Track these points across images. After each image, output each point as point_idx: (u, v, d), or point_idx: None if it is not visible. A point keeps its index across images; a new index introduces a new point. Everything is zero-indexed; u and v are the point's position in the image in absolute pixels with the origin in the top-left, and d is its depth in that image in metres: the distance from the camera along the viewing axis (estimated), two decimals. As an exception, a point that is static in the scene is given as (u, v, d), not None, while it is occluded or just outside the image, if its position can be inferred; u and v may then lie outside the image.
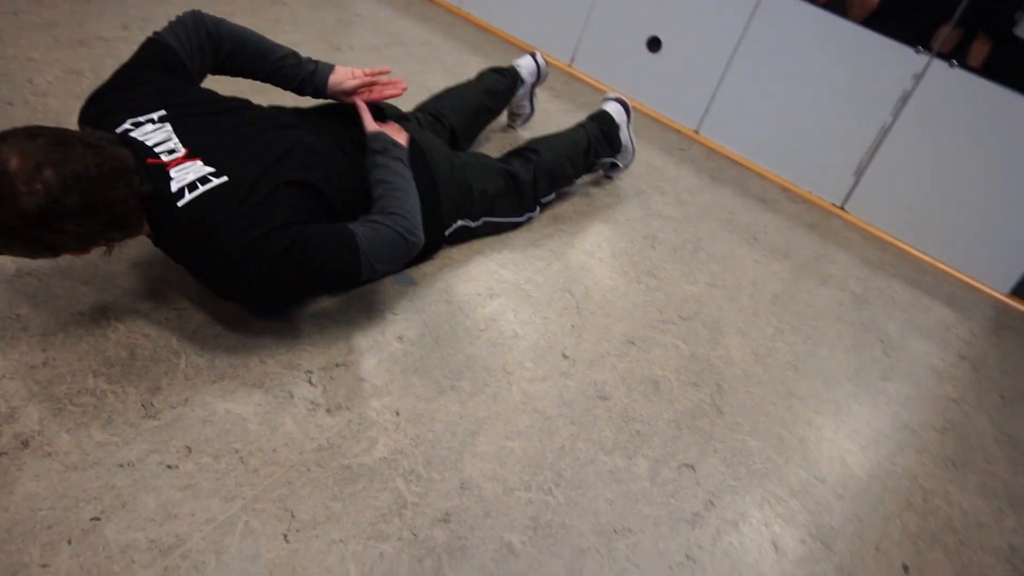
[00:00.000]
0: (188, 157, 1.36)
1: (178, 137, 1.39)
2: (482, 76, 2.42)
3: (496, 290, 1.89)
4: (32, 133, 1.20)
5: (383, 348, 1.60)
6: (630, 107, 2.47)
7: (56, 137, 1.21)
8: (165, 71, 1.51)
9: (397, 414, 1.46)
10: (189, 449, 1.26)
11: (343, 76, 1.73)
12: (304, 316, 1.61)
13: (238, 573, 1.12)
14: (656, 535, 1.41)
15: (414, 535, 1.25)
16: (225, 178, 1.35)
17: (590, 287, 2.03)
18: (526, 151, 2.18)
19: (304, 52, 1.73)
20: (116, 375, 1.34)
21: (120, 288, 1.51)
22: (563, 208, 2.34)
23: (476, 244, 2.02)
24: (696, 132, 3.26)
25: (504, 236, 2.10)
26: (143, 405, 1.30)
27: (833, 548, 1.52)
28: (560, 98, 3.07)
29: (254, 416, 1.35)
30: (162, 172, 1.33)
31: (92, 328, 1.41)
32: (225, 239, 1.30)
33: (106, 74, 1.49)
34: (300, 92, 1.74)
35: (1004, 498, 1.84)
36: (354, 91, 1.74)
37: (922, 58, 2.76)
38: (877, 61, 2.82)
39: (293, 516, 1.22)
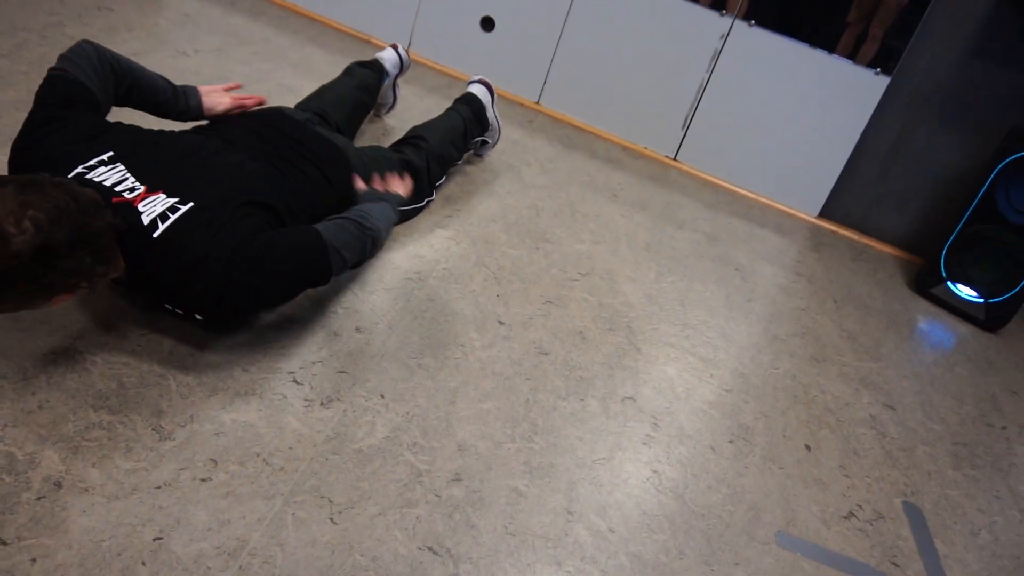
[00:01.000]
0: (150, 192, 1.39)
1: (133, 175, 1.41)
2: (351, 72, 2.50)
3: (423, 273, 2.03)
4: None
5: (347, 340, 1.70)
6: (493, 88, 2.66)
7: (24, 180, 1.21)
8: (85, 108, 1.51)
9: (382, 396, 1.58)
10: (214, 461, 1.32)
11: (213, 102, 1.85)
12: (265, 325, 1.67)
13: (304, 558, 1.22)
14: (623, 458, 1.65)
15: (437, 496, 1.40)
16: (191, 203, 1.40)
17: (499, 258, 2.22)
18: (414, 139, 2.31)
19: (152, 60, 1.77)
20: (115, 406, 1.36)
21: (75, 326, 1.50)
22: (450, 190, 2.50)
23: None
24: (538, 103, 3.51)
25: (410, 225, 2.23)
26: (154, 429, 1.34)
27: (753, 442, 1.84)
28: (410, 83, 3.19)
29: (259, 421, 1.43)
30: (130, 208, 1.35)
31: (71, 366, 1.40)
32: (207, 258, 1.36)
33: None
34: (183, 120, 1.81)
35: (857, 380, 2.26)
36: (228, 111, 1.85)
37: (726, 20, 3.16)
38: (690, 25, 3.20)
39: (331, 501, 1.32)
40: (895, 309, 2.83)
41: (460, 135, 2.45)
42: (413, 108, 2.94)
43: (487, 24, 3.45)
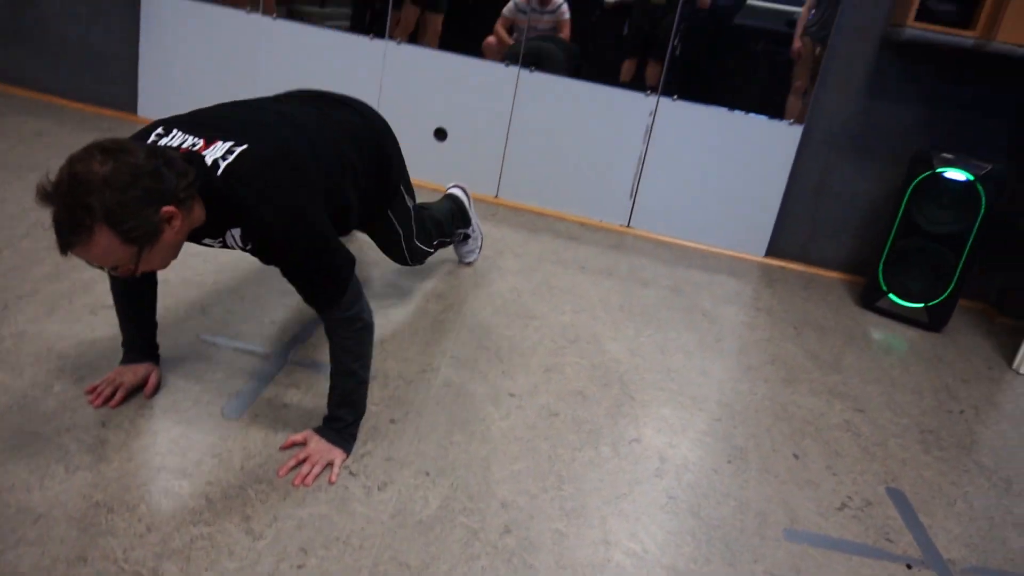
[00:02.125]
0: (208, 143, 1.59)
1: (191, 136, 1.61)
2: None
3: (436, 363, 2.29)
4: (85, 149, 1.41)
5: (385, 432, 1.95)
6: (469, 193, 2.97)
7: (107, 141, 1.42)
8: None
9: (427, 474, 1.82)
10: (304, 550, 1.54)
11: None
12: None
13: (398, 615, 1.44)
14: (641, 490, 1.90)
15: (494, 547, 1.64)
16: (246, 145, 1.59)
17: (497, 340, 2.49)
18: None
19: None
20: (209, 519, 1.58)
21: (157, 460, 1.73)
22: (440, 288, 2.79)
23: (390, 329, 2.41)
24: (497, 197, 3.85)
25: (414, 324, 2.50)
26: (246, 532, 1.56)
27: (748, 459, 2.11)
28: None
29: (331, 511, 1.65)
30: (196, 156, 1.55)
31: (165, 493, 1.63)
32: (261, 197, 1.56)
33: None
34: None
35: (827, 392, 2.56)
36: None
37: (652, 99, 3.57)
38: (622, 107, 3.60)
39: (409, 566, 1.55)
40: (848, 325, 3.16)
41: (450, 215, 2.73)
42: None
43: (440, 134, 3.82)
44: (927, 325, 3.27)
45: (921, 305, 3.27)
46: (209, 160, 1.55)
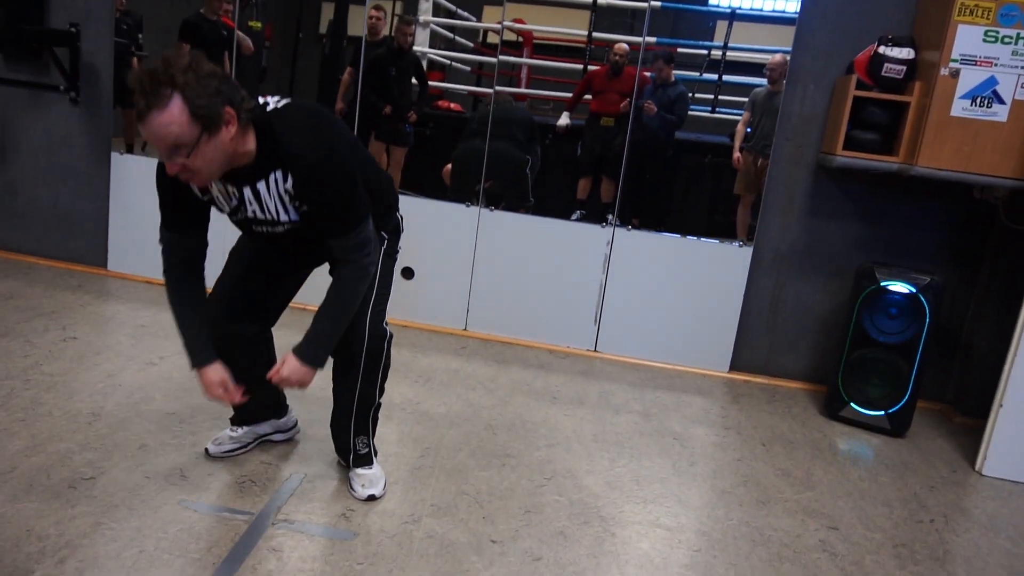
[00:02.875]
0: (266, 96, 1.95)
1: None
2: None
3: (416, 514, 2.31)
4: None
5: (371, 593, 1.95)
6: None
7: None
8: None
9: (416, 635, 1.83)
10: None
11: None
12: (299, 595, 1.91)
13: None
14: (629, 635, 1.91)
15: None
16: (290, 99, 1.93)
17: (475, 483, 2.53)
18: None
19: (126, 376, 2.10)
20: None
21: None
22: (417, 432, 2.83)
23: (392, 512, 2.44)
24: (465, 330, 3.95)
25: (391, 470, 2.53)
26: None
27: (731, 591, 2.14)
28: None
29: None
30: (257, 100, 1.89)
31: None
32: (307, 122, 1.90)
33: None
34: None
35: (801, 511, 2.62)
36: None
37: (608, 229, 3.75)
38: (580, 238, 3.78)
39: None
40: (815, 438, 3.25)
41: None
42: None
43: (407, 273, 3.95)
44: (890, 431, 3.37)
45: (882, 413, 3.38)
46: (261, 102, 1.88)
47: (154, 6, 4.34)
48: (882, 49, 3.31)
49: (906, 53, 3.30)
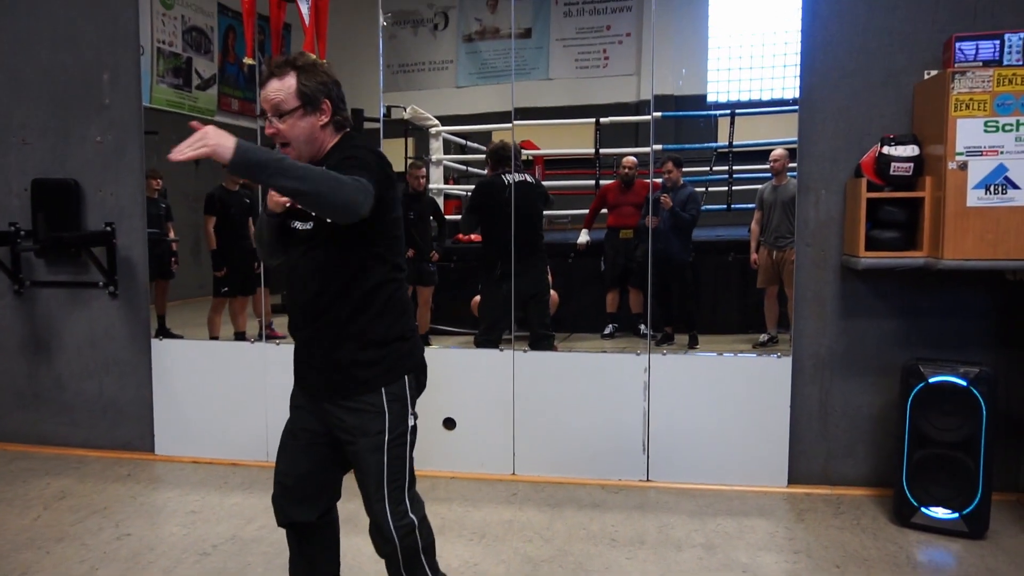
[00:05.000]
0: None
1: None
2: None
3: None
4: None
5: None
6: None
7: None
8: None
9: None
10: None
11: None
12: None
13: None
14: None
15: None
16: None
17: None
18: None
19: (182, 568, 2.07)
20: None
21: None
22: (478, 596, 2.76)
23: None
24: (514, 475, 3.90)
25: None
26: None
27: None
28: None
29: None
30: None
31: None
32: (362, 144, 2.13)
33: None
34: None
35: (890, 643, 2.47)
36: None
37: (643, 357, 3.74)
38: (617, 369, 3.76)
39: None
40: (891, 551, 3.11)
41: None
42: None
43: (449, 424, 3.94)
44: (968, 534, 3.21)
45: (956, 515, 3.24)
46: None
47: (183, 175, 4.56)
48: (886, 149, 3.36)
49: (910, 150, 3.34)
